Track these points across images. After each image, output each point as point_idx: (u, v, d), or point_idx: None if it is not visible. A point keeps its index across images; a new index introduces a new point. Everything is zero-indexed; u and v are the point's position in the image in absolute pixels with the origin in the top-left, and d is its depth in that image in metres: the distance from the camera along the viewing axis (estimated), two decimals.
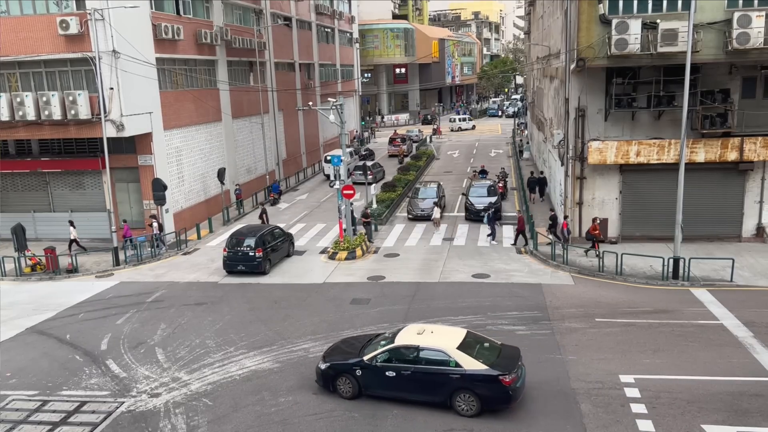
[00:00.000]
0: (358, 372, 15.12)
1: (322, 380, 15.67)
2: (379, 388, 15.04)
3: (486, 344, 15.15)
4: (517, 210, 29.71)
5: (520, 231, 28.22)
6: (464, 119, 79.42)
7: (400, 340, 15.15)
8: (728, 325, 18.90)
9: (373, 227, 30.64)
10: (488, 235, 29.04)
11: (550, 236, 27.60)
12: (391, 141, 58.36)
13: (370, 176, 37.96)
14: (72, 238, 29.19)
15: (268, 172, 43.49)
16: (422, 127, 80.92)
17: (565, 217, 26.95)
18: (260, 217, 32.90)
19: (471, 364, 14.23)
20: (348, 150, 45.10)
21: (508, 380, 13.94)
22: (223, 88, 37.53)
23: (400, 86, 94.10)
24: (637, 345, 17.74)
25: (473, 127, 78.31)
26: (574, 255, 25.59)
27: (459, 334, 15.21)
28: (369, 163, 43.31)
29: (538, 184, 37.06)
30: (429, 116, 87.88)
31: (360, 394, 15.20)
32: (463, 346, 14.64)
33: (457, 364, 14.28)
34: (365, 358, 15.15)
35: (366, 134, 70.73)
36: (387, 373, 14.82)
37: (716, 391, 15.09)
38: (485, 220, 29.69)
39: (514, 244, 28.35)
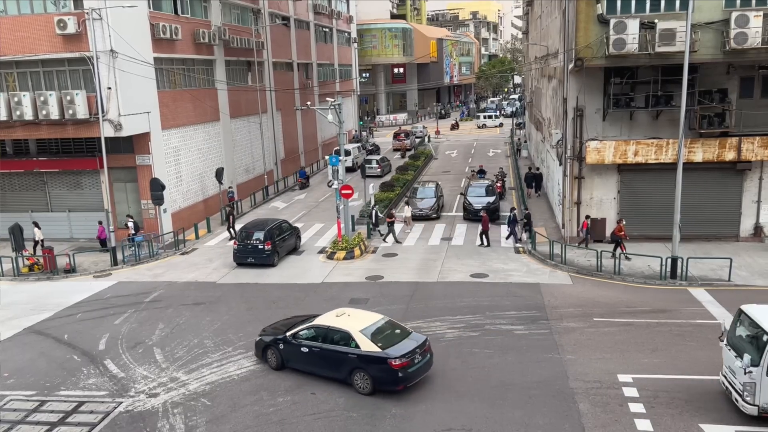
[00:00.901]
0: (281, 346, 16.84)
1: (257, 350, 17.51)
2: (296, 362, 16.68)
3: (397, 331, 16.16)
4: (510, 209, 29.72)
5: (483, 231, 28.46)
6: (490, 116, 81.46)
7: (318, 320, 16.75)
8: (726, 325, 18.89)
9: (394, 227, 30.31)
10: (507, 238, 28.91)
11: (523, 235, 28.50)
12: (396, 136, 62.44)
13: (379, 169, 45.48)
14: (36, 239, 28.91)
15: (266, 172, 43.47)
16: (440, 122, 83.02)
17: (587, 217, 26.48)
18: (227, 219, 31.88)
19: (367, 346, 15.39)
20: (356, 145, 52.62)
21: (395, 363, 14.98)
22: (221, 88, 37.50)
23: (399, 86, 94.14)
24: (635, 344, 17.76)
25: (500, 125, 79.12)
26: (572, 254, 25.61)
27: (372, 319, 16.41)
28: (377, 157, 48.49)
29: (535, 180, 38.24)
30: (443, 111, 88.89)
31: (283, 366, 16.90)
32: (369, 330, 15.84)
33: (357, 345, 15.52)
34: (288, 334, 16.83)
35: (364, 134, 70.87)
36: (302, 349, 16.43)
37: (714, 390, 15.11)
38: (507, 221, 29.24)
39: (481, 245, 28.44)
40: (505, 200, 36.87)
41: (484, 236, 28.37)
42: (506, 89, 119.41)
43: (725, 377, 14.35)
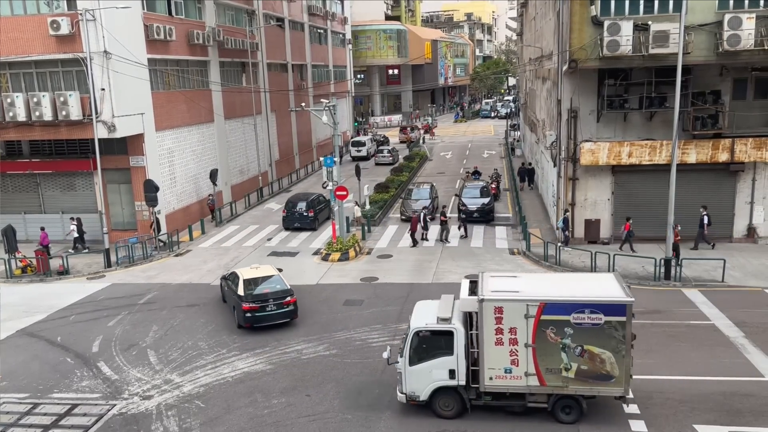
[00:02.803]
0: (222, 283, 22.50)
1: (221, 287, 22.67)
2: (226, 296, 21.89)
3: (278, 286, 20.29)
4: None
5: (412, 232, 29.07)
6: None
7: (238, 269, 21.91)
8: (720, 326, 19.00)
9: (447, 227, 29.95)
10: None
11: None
12: (402, 129, 68.89)
13: (390, 157, 53.08)
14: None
15: (260, 173, 43.39)
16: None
17: (628, 219, 25.70)
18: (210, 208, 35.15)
19: (240, 290, 20.07)
20: (369, 137, 61.84)
21: (245, 306, 19.50)
22: (215, 89, 37.42)
23: (393, 87, 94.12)
24: None
25: (508, 114, 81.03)
26: (567, 256, 25.65)
27: (267, 272, 21.17)
28: (388, 147, 56.22)
29: (528, 174, 41.36)
30: (459, 107, 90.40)
31: (223, 299, 22.39)
32: (253, 278, 20.62)
33: (237, 288, 20.32)
34: (223, 275, 22.84)
35: (374, 129, 72.64)
36: (226, 287, 21.80)
37: (708, 391, 15.16)
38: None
39: (414, 246, 28.85)
40: (499, 201, 36.93)
41: (412, 237, 29.07)
42: (502, 90, 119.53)
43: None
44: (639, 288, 22.65)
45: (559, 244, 26.04)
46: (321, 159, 32.72)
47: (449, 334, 14.07)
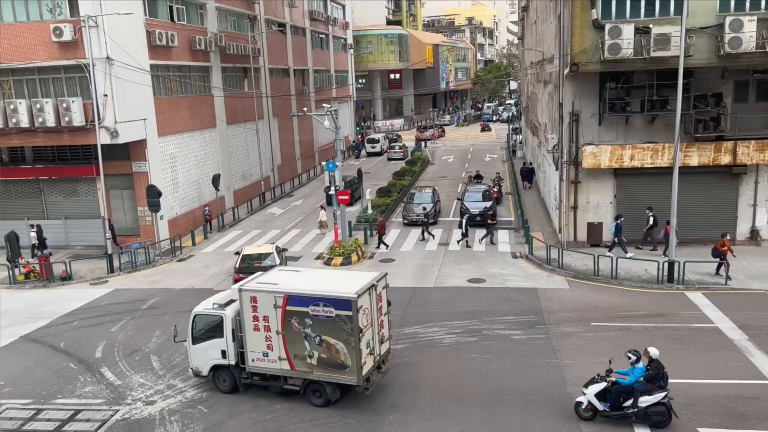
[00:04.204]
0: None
1: None
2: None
3: (263, 259, 24.32)
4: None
5: (380, 235, 29.51)
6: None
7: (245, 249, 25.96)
8: (723, 329, 18.94)
9: (492, 230, 30.01)
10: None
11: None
12: (419, 128, 74.75)
13: (401, 153, 57.85)
14: (34, 242, 28.95)
15: (263, 178, 43.45)
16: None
17: (668, 222, 24.34)
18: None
19: (237, 264, 24.58)
20: (381, 135, 67.92)
21: (236, 276, 23.09)
22: (217, 95, 37.51)
23: (395, 92, 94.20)
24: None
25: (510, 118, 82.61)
26: (569, 259, 25.60)
27: (267, 249, 25.34)
28: (399, 144, 60.76)
29: (528, 174, 43.05)
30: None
31: None
32: (255, 252, 25.17)
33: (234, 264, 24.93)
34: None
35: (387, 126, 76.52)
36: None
37: (712, 394, 15.11)
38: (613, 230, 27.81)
39: (378, 247, 29.47)
40: (501, 205, 36.91)
41: (380, 239, 29.70)
42: (505, 94, 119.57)
43: None
44: (642, 291, 22.65)
45: (608, 253, 24.84)
46: (323, 163, 32.87)
47: (221, 319, 15.83)
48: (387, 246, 29.77)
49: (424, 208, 32.66)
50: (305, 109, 41.23)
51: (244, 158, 41.52)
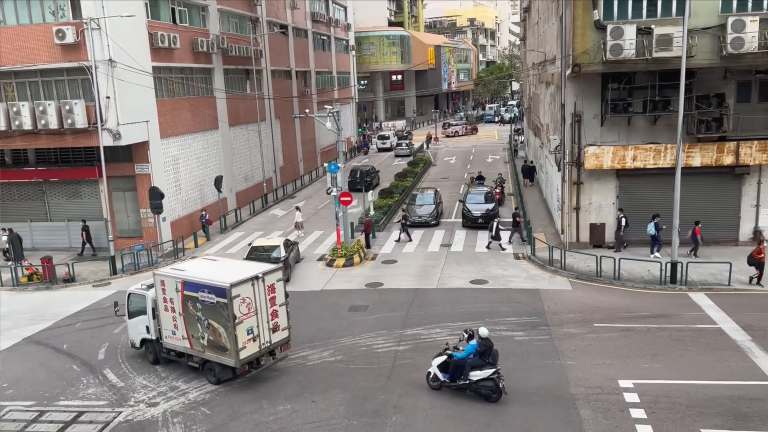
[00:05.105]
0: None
1: None
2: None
3: (270, 251, 25.48)
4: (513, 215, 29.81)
5: (366, 234, 29.66)
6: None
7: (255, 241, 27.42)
8: (726, 329, 18.91)
9: (520, 228, 29.80)
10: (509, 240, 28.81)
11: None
12: (444, 126, 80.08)
13: (407, 149, 61.05)
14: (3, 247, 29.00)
15: (265, 180, 43.48)
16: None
17: (696, 223, 24.80)
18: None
19: (245, 255, 25.91)
20: (392, 132, 70.62)
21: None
22: (219, 96, 37.56)
23: (397, 93, 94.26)
24: (635, 350, 17.72)
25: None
26: (572, 260, 25.59)
27: (274, 242, 26.58)
28: (406, 141, 63.04)
29: (530, 172, 43.94)
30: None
31: None
32: (254, 247, 26.20)
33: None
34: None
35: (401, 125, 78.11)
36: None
37: (715, 395, 15.08)
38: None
39: (368, 247, 29.54)
40: (504, 206, 36.88)
41: (367, 237, 29.94)
42: (506, 95, 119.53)
43: None
44: (644, 292, 22.61)
45: (656, 254, 25.26)
46: (325, 165, 32.88)
47: (145, 298, 17.89)
48: (410, 239, 30.65)
49: (405, 214, 32.02)
50: (307, 110, 41.19)
51: (246, 160, 41.55)
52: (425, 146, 65.43)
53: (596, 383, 15.88)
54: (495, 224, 28.67)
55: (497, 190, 37.18)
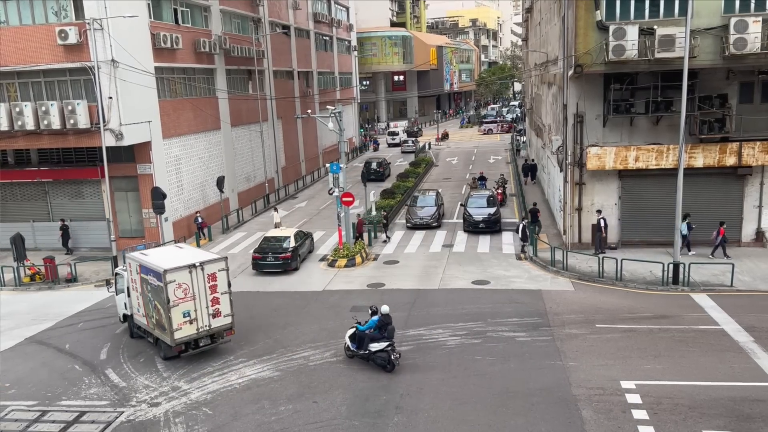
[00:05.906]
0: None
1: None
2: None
3: (280, 241, 27.00)
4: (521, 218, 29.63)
5: (359, 234, 29.86)
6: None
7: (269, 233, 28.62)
8: (729, 330, 18.88)
9: (538, 225, 30.12)
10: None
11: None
12: (481, 123, 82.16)
13: (413, 146, 63.44)
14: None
15: (267, 180, 43.52)
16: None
17: (721, 224, 24.83)
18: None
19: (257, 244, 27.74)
20: (401, 128, 73.89)
21: (253, 255, 26.87)
22: (221, 97, 37.59)
23: (399, 93, 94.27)
24: (637, 351, 17.70)
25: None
26: (574, 261, 25.56)
27: (288, 233, 27.80)
28: (413, 138, 66.80)
29: (530, 170, 44.69)
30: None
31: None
32: (267, 237, 27.80)
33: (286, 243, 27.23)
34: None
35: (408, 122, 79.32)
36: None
37: (718, 396, 15.05)
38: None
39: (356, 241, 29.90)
40: (506, 207, 36.84)
41: (360, 237, 29.94)
42: (508, 95, 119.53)
43: None
44: (647, 293, 22.58)
45: (691, 252, 25.29)
46: (327, 165, 32.88)
47: (123, 278, 19.79)
48: (388, 239, 31.32)
49: (385, 214, 32.65)
50: (309, 111, 41.25)
51: (248, 160, 41.58)
52: (428, 146, 65.41)
53: (598, 384, 15.87)
54: (521, 226, 27.77)
55: (499, 191, 37.07)
